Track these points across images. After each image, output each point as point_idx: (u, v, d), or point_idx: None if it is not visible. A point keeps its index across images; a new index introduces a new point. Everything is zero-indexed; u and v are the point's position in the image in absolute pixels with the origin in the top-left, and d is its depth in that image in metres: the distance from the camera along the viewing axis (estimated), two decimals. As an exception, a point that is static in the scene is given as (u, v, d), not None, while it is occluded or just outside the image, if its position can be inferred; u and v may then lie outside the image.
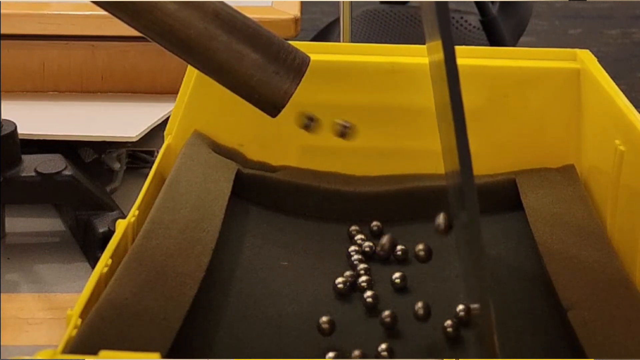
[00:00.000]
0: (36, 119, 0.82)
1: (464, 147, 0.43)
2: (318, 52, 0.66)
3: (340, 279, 0.58)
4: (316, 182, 0.69)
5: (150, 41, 0.52)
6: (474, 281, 0.45)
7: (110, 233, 0.66)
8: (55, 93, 0.90)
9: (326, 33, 1.57)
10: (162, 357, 0.41)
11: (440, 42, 0.44)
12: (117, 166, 0.81)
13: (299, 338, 0.53)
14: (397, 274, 0.59)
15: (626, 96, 0.63)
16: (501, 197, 0.67)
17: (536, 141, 0.71)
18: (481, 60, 0.71)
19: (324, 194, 0.68)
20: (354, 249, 0.62)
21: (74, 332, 0.46)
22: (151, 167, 0.64)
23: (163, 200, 0.61)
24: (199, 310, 0.53)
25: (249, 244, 0.62)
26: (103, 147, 0.81)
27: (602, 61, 0.70)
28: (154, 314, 0.49)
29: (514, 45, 1.54)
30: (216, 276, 0.57)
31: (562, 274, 0.56)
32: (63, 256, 0.70)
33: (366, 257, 0.62)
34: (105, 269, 0.52)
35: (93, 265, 0.67)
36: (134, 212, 0.58)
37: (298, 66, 0.52)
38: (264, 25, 0.53)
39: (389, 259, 0.62)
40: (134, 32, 0.51)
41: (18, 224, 0.74)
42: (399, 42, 0.76)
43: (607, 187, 0.63)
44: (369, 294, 0.56)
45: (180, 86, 0.70)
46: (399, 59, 0.71)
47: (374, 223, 0.66)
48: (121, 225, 0.56)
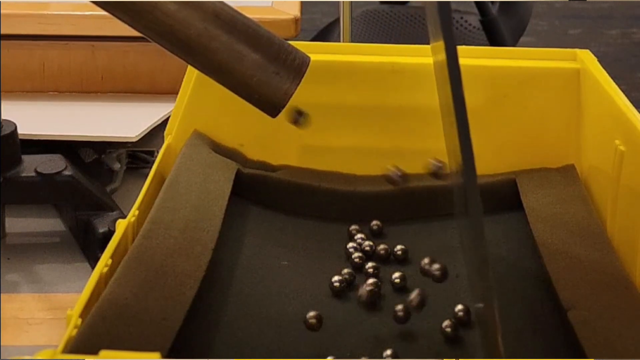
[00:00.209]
0: (36, 119, 0.82)
1: (466, 148, 0.43)
2: (318, 52, 0.66)
3: (336, 277, 0.58)
4: (316, 181, 0.69)
5: (150, 41, 0.52)
6: (478, 281, 0.45)
7: (110, 233, 0.66)
8: (55, 93, 0.90)
9: (326, 33, 1.57)
10: (162, 357, 0.41)
11: (442, 43, 0.44)
12: (117, 166, 0.81)
13: (299, 338, 0.53)
14: (397, 274, 0.59)
15: (626, 96, 0.63)
16: (501, 197, 0.67)
17: (536, 141, 0.71)
18: (481, 60, 0.71)
19: (324, 194, 0.68)
20: (352, 245, 0.62)
21: (74, 332, 0.46)
22: (151, 167, 0.64)
23: (163, 200, 0.61)
24: (199, 310, 0.53)
25: (249, 244, 0.62)
26: (103, 147, 0.81)
27: (602, 61, 0.70)
28: (154, 314, 0.49)
29: (514, 45, 1.54)
30: (216, 276, 0.57)
31: (562, 274, 0.56)
32: (63, 256, 0.70)
33: (366, 256, 0.62)
34: (105, 269, 0.52)
35: (93, 265, 0.67)
36: (134, 212, 0.58)
37: (298, 66, 0.52)
38: (264, 25, 0.53)
39: (389, 259, 0.62)
40: (134, 32, 0.51)
41: (18, 224, 0.74)
42: (399, 42, 0.75)
43: (607, 187, 0.63)
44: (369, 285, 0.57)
45: (180, 86, 0.70)
46: (399, 59, 0.71)
47: (374, 222, 0.66)
48: (121, 225, 0.56)
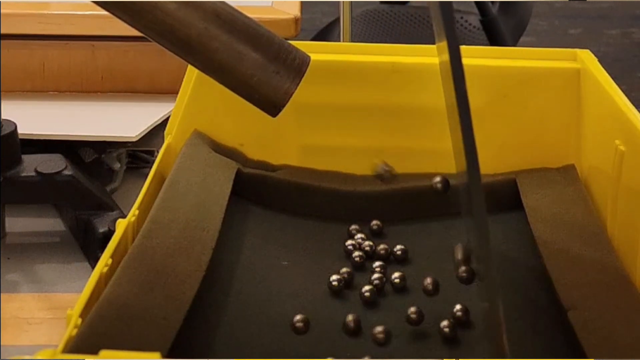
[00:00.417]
0: (36, 119, 0.82)
1: (470, 148, 0.43)
2: (318, 52, 0.66)
3: (335, 276, 0.58)
4: (316, 181, 0.69)
5: (150, 41, 0.52)
6: (482, 280, 0.45)
7: (110, 233, 0.66)
8: (56, 93, 0.90)
9: (326, 33, 1.56)
10: (162, 357, 0.41)
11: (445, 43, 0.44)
12: (117, 166, 0.81)
13: (299, 338, 0.53)
14: (397, 274, 0.59)
15: (626, 96, 0.63)
16: (501, 197, 0.67)
17: (536, 141, 0.71)
18: (481, 60, 0.71)
19: (324, 194, 0.68)
20: (350, 242, 0.63)
21: (74, 332, 0.46)
22: (151, 167, 0.64)
23: (163, 200, 0.61)
24: (199, 310, 0.53)
25: (249, 244, 0.62)
26: (103, 147, 0.81)
27: (602, 61, 0.70)
28: (154, 314, 0.49)
29: (514, 45, 1.54)
30: (216, 276, 0.57)
31: (563, 274, 0.56)
32: (63, 256, 0.70)
33: (366, 256, 0.62)
34: (105, 269, 0.52)
35: (93, 265, 0.67)
36: (134, 212, 0.58)
37: (298, 66, 0.52)
38: (264, 25, 0.53)
39: (389, 259, 0.62)
40: (134, 32, 0.51)
41: (18, 224, 0.74)
42: (399, 42, 0.75)
43: (607, 187, 0.63)
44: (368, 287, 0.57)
45: (180, 86, 0.70)
46: (399, 59, 0.71)
47: (374, 222, 0.66)
48: (121, 225, 0.56)
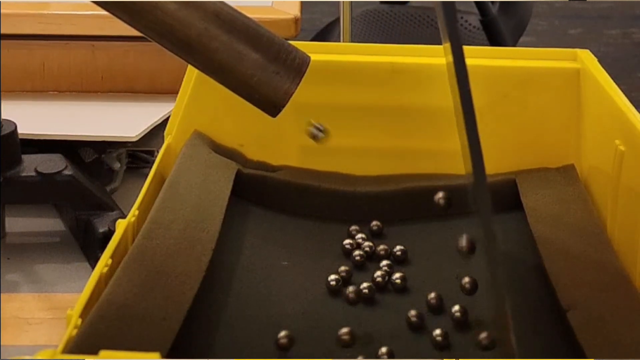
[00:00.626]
0: (36, 119, 0.82)
1: (475, 148, 0.43)
2: (318, 52, 0.66)
3: (333, 275, 0.58)
4: (316, 182, 0.69)
5: (150, 41, 0.52)
6: (489, 281, 0.45)
7: (110, 233, 0.66)
8: (55, 93, 0.90)
9: (326, 33, 1.56)
10: (162, 357, 0.41)
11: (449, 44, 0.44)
12: (117, 166, 0.81)
13: (299, 338, 0.53)
14: (397, 274, 0.59)
15: (626, 96, 0.63)
16: (501, 197, 0.67)
17: (536, 141, 0.71)
18: (481, 60, 0.71)
19: (324, 194, 0.68)
20: (348, 241, 0.63)
21: (74, 332, 0.46)
22: (151, 167, 0.64)
23: (163, 200, 0.61)
24: (199, 310, 0.53)
25: (249, 244, 0.62)
26: (103, 147, 0.81)
27: (602, 61, 0.70)
28: (154, 314, 0.49)
29: (514, 45, 1.54)
30: (216, 276, 0.57)
31: (562, 274, 0.56)
32: (63, 256, 0.70)
33: (367, 257, 0.62)
34: (105, 269, 0.52)
35: (93, 265, 0.67)
36: (134, 212, 0.58)
37: (298, 66, 0.52)
38: (264, 25, 0.53)
39: (389, 260, 0.62)
40: (134, 32, 0.51)
41: (18, 224, 0.74)
42: (399, 42, 0.75)
43: (607, 187, 0.63)
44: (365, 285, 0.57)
45: (180, 86, 0.70)
46: (399, 59, 0.71)
47: (374, 223, 0.66)
48: (121, 225, 0.56)
